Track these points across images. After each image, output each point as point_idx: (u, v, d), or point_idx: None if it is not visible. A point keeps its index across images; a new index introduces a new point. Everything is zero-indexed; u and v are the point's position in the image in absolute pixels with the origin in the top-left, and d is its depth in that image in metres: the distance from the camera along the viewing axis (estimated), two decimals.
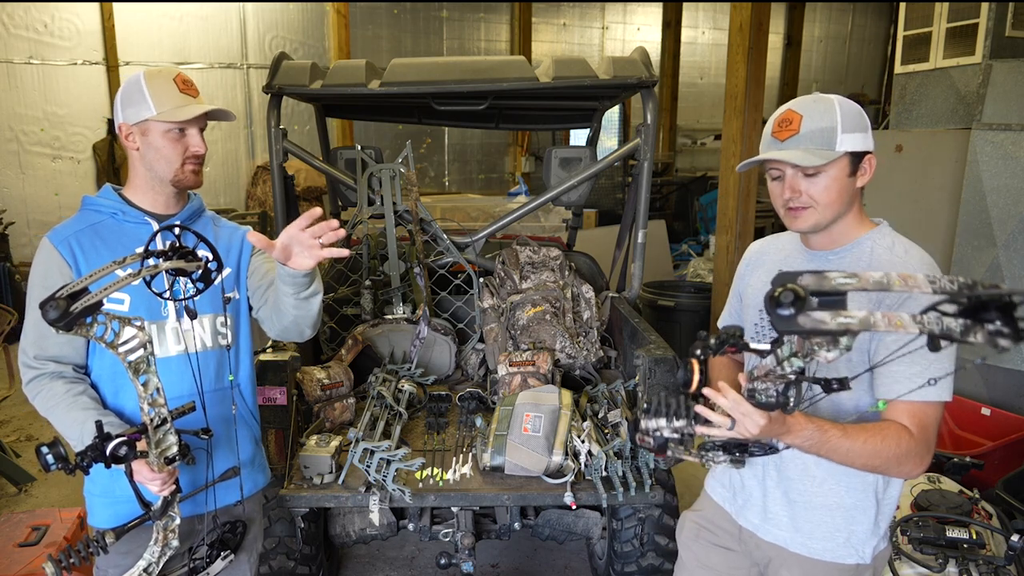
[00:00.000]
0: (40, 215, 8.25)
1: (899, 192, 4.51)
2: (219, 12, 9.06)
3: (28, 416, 5.00)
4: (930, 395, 1.42)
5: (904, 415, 1.45)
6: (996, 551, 2.24)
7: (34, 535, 2.71)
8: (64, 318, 1.19)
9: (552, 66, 3.09)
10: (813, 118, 1.47)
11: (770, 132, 1.53)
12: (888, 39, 14.66)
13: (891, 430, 1.43)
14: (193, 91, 1.71)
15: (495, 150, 12.07)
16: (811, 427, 1.39)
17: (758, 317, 1.69)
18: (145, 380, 1.39)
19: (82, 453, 1.36)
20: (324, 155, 4.10)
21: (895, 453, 1.41)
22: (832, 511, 1.58)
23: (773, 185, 1.56)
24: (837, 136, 1.46)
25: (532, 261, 3.61)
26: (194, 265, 1.34)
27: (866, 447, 1.40)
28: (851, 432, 1.42)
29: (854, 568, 1.61)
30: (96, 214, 1.74)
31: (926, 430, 1.44)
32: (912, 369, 1.43)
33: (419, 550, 3.48)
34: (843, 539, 1.59)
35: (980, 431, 3.88)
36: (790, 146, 1.48)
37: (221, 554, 1.73)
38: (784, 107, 1.54)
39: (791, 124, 1.49)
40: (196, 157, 1.73)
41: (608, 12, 12.58)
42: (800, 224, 1.54)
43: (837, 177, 1.49)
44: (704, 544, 1.81)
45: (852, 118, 1.48)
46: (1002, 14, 4.10)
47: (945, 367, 1.44)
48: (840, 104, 1.49)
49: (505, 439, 2.52)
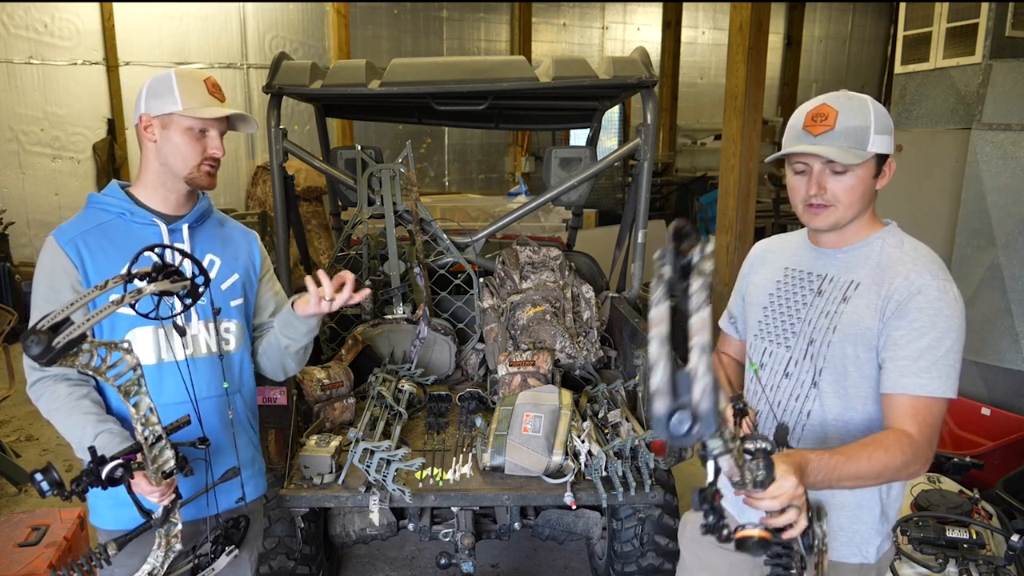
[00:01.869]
0: (40, 215, 8.25)
1: (899, 192, 4.51)
2: (219, 12, 9.06)
3: (28, 416, 5.00)
4: (936, 390, 1.42)
5: (907, 412, 1.43)
6: (996, 551, 2.24)
7: (34, 535, 2.71)
8: (47, 353, 1.12)
9: (552, 66, 3.09)
10: (848, 116, 1.45)
11: (801, 125, 1.49)
12: (888, 39, 14.67)
13: (891, 439, 1.40)
14: (220, 95, 1.72)
15: (495, 150, 12.07)
16: (813, 458, 1.32)
17: (762, 315, 1.68)
18: (136, 401, 1.37)
19: (77, 479, 1.34)
20: (324, 155, 4.10)
21: (901, 462, 1.38)
22: (836, 510, 1.57)
23: (795, 179, 1.53)
24: (870, 136, 1.44)
25: (532, 261, 3.61)
26: (179, 285, 1.31)
27: (872, 465, 1.37)
28: (853, 454, 1.38)
29: (858, 568, 1.59)
30: (103, 213, 1.71)
31: (928, 428, 1.42)
32: (919, 364, 1.42)
33: (419, 550, 3.48)
34: (847, 538, 1.58)
35: (980, 431, 3.88)
36: (824, 142, 1.45)
37: (225, 549, 1.72)
38: (817, 100, 1.51)
39: (826, 119, 1.45)
40: (213, 159, 1.72)
41: (608, 12, 12.58)
42: (820, 222, 1.52)
43: (864, 178, 1.48)
44: (707, 546, 1.80)
45: (883, 119, 1.47)
46: (1002, 14, 4.09)
47: (952, 363, 1.43)
48: (873, 104, 1.47)
49: (505, 439, 2.52)
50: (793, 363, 1.59)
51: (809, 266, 1.62)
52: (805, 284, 1.61)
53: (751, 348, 1.71)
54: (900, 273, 1.47)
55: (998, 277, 3.85)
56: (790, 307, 1.62)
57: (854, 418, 1.55)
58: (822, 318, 1.54)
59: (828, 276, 1.57)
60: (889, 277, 1.48)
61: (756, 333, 1.69)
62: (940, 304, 1.43)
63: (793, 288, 1.63)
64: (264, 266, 1.94)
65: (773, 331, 1.65)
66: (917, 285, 1.44)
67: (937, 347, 1.42)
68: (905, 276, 1.46)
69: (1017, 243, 3.77)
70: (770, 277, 1.70)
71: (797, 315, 1.60)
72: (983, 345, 3.95)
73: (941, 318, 1.42)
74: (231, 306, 1.82)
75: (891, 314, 1.45)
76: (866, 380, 1.52)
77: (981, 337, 3.95)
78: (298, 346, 1.86)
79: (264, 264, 1.95)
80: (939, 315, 1.43)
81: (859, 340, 1.49)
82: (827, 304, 1.55)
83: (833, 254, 1.58)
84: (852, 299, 1.51)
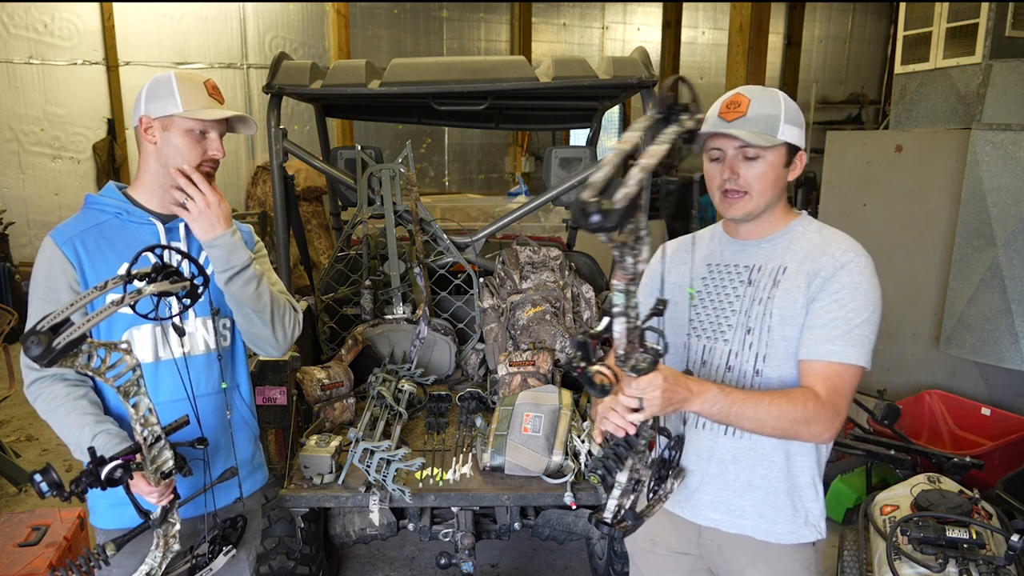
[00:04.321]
0: (40, 215, 8.25)
1: (899, 192, 4.51)
2: (219, 12, 9.06)
3: (28, 416, 5.01)
4: (849, 357, 1.49)
5: (818, 376, 1.51)
6: (996, 551, 2.24)
7: (34, 535, 2.71)
8: (48, 354, 1.12)
9: (552, 66, 3.09)
10: (760, 104, 1.54)
11: (717, 113, 1.58)
12: (888, 39, 14.66)
13: (797, 393, 1.49)
14: (220, 98, 1.73)
15: (495, 150, 12.07)
16: (714, 388, 1.44)
17: (692, 313, 1.70)
18: (135, 402, 1.37)
19: (76, 480, 1.34)
20: (324, 155, 4.10)
21: (802, 415, 1.46)
22: (790, 494, 1.62)
23: (711, 167, 1.61)
24: (780, 124, 1.54)
25: (532, 261, 3.61)
26: (179, 286, 1.31)
27: (771, 410, 1.46)
28: (755, 395, 1.49)
29: (812, 547, 1.66)
30: (100, 213, 1.72)
31: (836, 393, 1.49)
32: (833, 332, 1.50)
33: (419, 550, 3.48)
34: (802, 520, 1.63)
35: (980, 431, 3.88)
36: (736, 126, 1.54)
37: (223, 549, 1.73)
38: (733, 91, 1.60)
39: (739, 107, 1.55)
40: (213, 161, 1.73)
41: (608, 12, 12.58)
42: (734, 211, 1.60)
43: (774, 164, 1.56)
44: (660, 555, 1.80)
45: (793, 112, 1.56)
46: (1002, 14, 4.09)
47: (866, 334, 1.51)
48: (784, 98, 1.57)
49: (505, 439, 2.52)
50: (734, 355, 1.63)
51: (734, 259, 1.68)
52: (734, 276, 1.66)
53: (687, 349, 1.72)
54: (825, 252, 1.56)
55: (998, 277, 3.84)
56: (721, 301, 1.66)
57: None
58: (756, 305, 1.60)
59: (756, 266, 1.63)
60: (813, 256, 1.57)
61: (689, 332, 1.71)
62: (861, 279, 1.52)
63: (721, 282, 1.67)
64: (256, 249, 1.90)
65: (708, 327, 1.67)
66: (841, 261, 1.54)
67: (854, 318, 1.50)
68: (831, 255, 1.55)
69: (1017, 243, 3.77)
70: (692, 275, 1.73)
71: (730, 307, 1.64)
72: (983, 345, 3.95)
73: (861, 292, 1.52)
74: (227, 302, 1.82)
75: (817, 289, 1.54)
76: (785, 356, 1.58)
77: (981, 337, 3.95)
78: (239, 305, 1.74)
79: (256, 247, 1.90)
80: (859, 289, 1.52)
81: (795, 321, 1.56)
82: (759, 292, 1.60)
83: (757, 244, 1.65)
84: (782, 282, 1.58)
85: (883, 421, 3.35)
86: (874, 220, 4.65)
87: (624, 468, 1.44)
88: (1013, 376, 4.07)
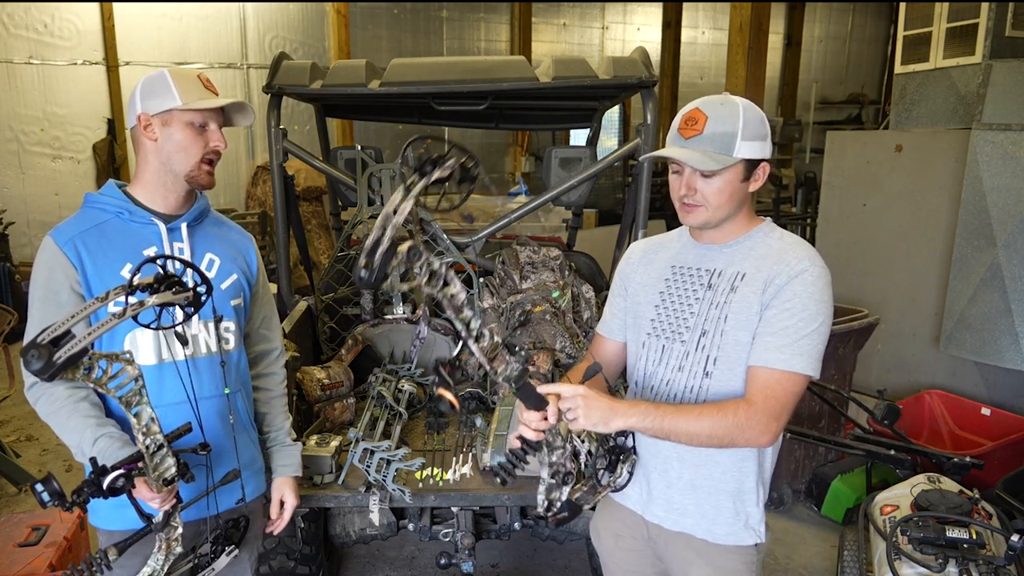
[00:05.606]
0: (40, 215, 8.25)
1: (899, 192, 4.51)
2: (219, 12, 9.06)
3: (28, 416, 5.01)
4: (795, 365, 1.51)
5: (759, 383, 1.53)
6: (996, 551, 2.24)
7: (34, 535, 2.71)
8: (48, 368, 1.10)
9: (552, 66, 3.09)
10: (717, 121, 1.53)
11: (676, 128, 1.59)
12: (888, 39, 14.66)
13: (728, 403, 1.52)
14: (214, 89, 1.73)
15: (495, 150, 12.07)
16: (644, 405, 1.49)
17: (654, 313, 1.72)
18: (138, 411, 1.36)
19: (78, 489, 1.33)
20: (324, 155, 4.10)
21: (733, 422, 1.48)
22: (733, 496, 1.64)
23: (672, 178, 1.63)
24: (736, 142, 1.53)
25: (532, 261, 3.61)
26: (181, 296, 1.29)
27: (702, 422, 1.49)
28: (685, 409, 1.52)
29: (754, 549, 1.67)
30: (101, 213, 1.69)
31: (773, 399, 1.51)
32: (783, 340, 1.52)
33: (419, 550, 3.48)
34: (743, 523, 1.65)
35: (980, 431, 3.88)
36: (692, 145, 1.54)
37: (225, 550, 1.72)
38: (692, 104, 1.60)
39: (696, 124, 1.54)
40: (215, 153, 1.72)
41: (608, 12, 12.58)
42: (692, 220, 1.62)
43: (731, 181, 1.56)
44: (624, 550, 1.85)
45: (753, 126, 1.54)
46: (1002, 14, 4.10)
47: (815, 344, 1.53)
48: (745, 110, 1.55)
49: (505, 439, 2.52)
50: (686, 356, 1.65)
51: (696, 262, 1.69)
52: (695, 279, 1.68)
53: (645, 348, 1.74)
54: (782, 260, 1.57)
55: (998, 277, 3.85)
56: (682, 303, 1.68)
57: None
58: (712, 309, 1.62)
59: (716, 270, 1.65)
60: (770, 264, 1.58)
61: (650, 332, 1.72)
62: (814, 289, 1.53)
63: (684, 284, 1.69)
64: (259, 277, 1.94)
65: (668, 327, 1.69)
66: (796, 270, 1.54)
67: (804, 327, 1.52)
68: (786, 263, 1.56)
69: (1017, 243, 3.77)
70: (657, 276, 1.75)
71: (689, 309, 1.66)
72: (983, 345, 3.95)
73: (812, 302, 1.52)
74: (230, 305, 1.82)
75: (771, 296, 1.55)
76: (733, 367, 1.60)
77: (981, 337, 3.96)
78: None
79: (259, 274, 1.95)
80: (811, 299, 1.52)
81: (748, 326, 1.57)
82: (717, 296, 1.62)
83: (719, 249, 1.66)
84: (739, 288, 1.59)
85: (883, 421, 3.35)
86: (874, 220, 4.65)
87: (544, 465, 1.54)
88: (1013, 376, 4.08)
